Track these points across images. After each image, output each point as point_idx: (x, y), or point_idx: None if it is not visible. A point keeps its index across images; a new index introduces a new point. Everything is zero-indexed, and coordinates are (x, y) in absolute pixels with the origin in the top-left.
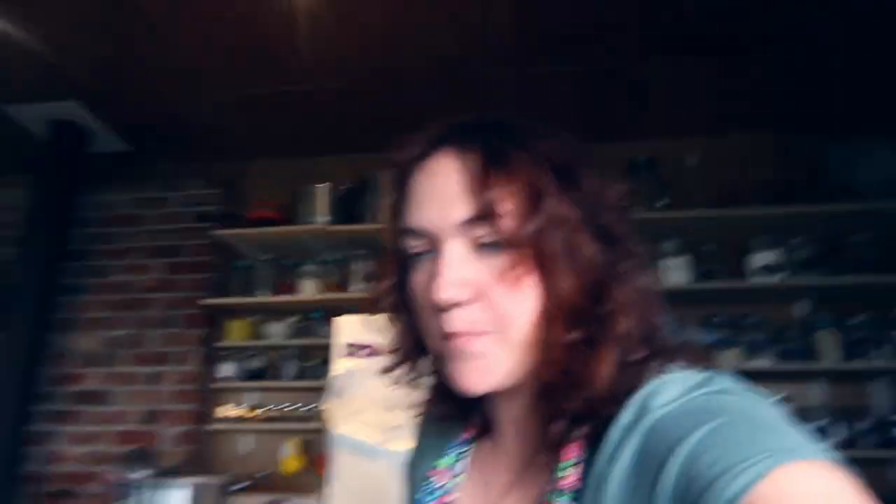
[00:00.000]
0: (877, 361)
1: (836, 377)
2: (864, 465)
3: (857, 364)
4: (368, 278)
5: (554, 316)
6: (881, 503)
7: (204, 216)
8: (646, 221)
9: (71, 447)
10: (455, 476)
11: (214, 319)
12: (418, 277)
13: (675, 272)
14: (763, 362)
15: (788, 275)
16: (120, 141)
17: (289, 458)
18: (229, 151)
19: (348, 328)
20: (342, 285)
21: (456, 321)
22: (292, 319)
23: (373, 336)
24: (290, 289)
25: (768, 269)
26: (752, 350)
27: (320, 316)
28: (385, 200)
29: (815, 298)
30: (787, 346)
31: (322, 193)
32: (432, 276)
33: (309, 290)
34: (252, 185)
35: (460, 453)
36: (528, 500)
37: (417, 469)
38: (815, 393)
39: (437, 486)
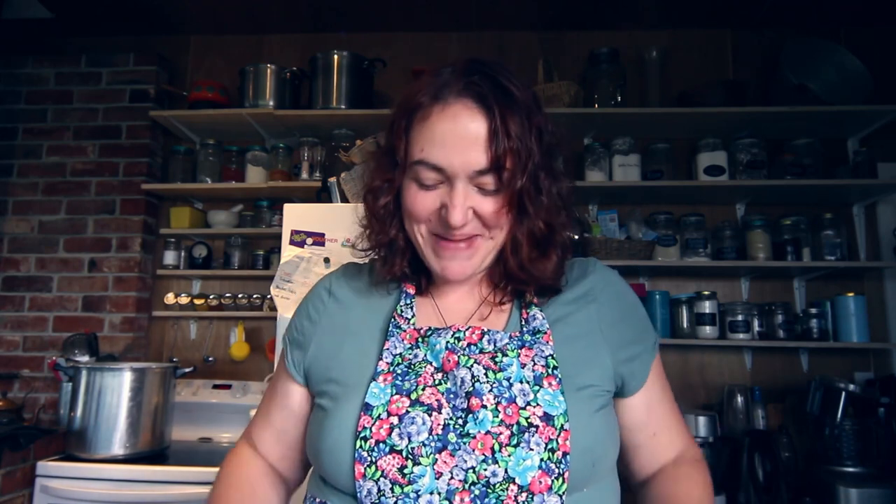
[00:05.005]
0: (800, 261)
1: (763, 274)
2: (782, 353)
3: (782, 263)
4: (317, 167)
5: (521, 240)
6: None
7: (139, 95)
8: (600, 117)
9: (10, 333)
10: (411, 317)
11: (156, 205)
12: (424, 197)
13: (626, 169)
14: (698, 259)
15: (732, 176)
16: (39, 5)
17: (236, 344)
18: (166, 23)
19: (297, 216)
20: (290, 173)
21: (458, 234)
22: (238, 207)
23: (321, 224)
24: (236, 175)
25: (714, 170)
26: (690, 247)
27: (268, 204)
28: (396, 120)
29: (753, 200)
30: (722, 244)
31: (270, 74)
32: (443, 200)
33: (255, 177)
34: (192, 63)
35: (409, 302)
36: (500, 320)
37: (341, 316)
38: (744, 289)
39: (402, 322)
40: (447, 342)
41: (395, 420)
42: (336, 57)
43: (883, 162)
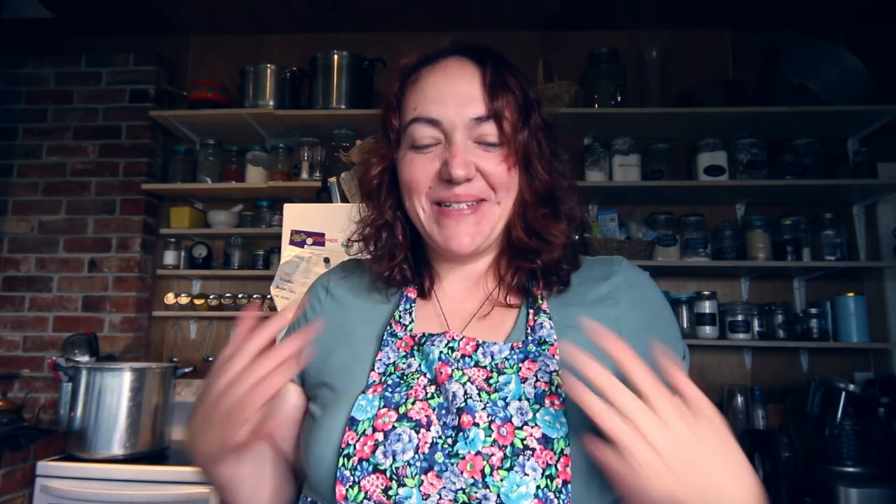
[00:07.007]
0: (800, 261)
1: (762, 274)
2: (782, 353)
3: (782, 263)
4: (317, 167)
5: (531, 199)
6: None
7: (139, 95)
8: (600, 117)
9: (10, 333)
10: (409, 323)
11: (156, 205)
12: (422, 160)
13: (626, 169)
14: (698, 259)
15: (732, 176)
16: (39, 5)
17: None
18: (166, 23)
19: (297, 216)
20: (290, 173)
21: (461, 191)
22: (238, 207)
23: (321, 225)
24: (236, 176)
25: (714, 170)
26: (690, 247)
27: (268, 204)
28: (390, 91)
29: (753, 200)
30: (722, 244)
31: (270, 74)
32: (443, 158)
33: (255, 177)
34: (192, 63)
35: (409, 307)
36: (505, 323)
37: (338, 316)
38: (744, 289)
39: (399, 329)
40: (440, 352)
41: (380, 436)
42: (336, 57)
43: (883, 162)
